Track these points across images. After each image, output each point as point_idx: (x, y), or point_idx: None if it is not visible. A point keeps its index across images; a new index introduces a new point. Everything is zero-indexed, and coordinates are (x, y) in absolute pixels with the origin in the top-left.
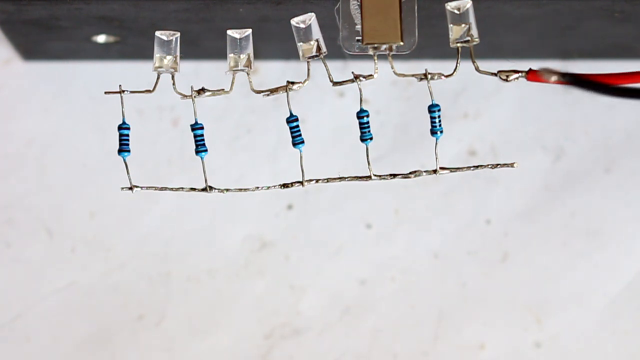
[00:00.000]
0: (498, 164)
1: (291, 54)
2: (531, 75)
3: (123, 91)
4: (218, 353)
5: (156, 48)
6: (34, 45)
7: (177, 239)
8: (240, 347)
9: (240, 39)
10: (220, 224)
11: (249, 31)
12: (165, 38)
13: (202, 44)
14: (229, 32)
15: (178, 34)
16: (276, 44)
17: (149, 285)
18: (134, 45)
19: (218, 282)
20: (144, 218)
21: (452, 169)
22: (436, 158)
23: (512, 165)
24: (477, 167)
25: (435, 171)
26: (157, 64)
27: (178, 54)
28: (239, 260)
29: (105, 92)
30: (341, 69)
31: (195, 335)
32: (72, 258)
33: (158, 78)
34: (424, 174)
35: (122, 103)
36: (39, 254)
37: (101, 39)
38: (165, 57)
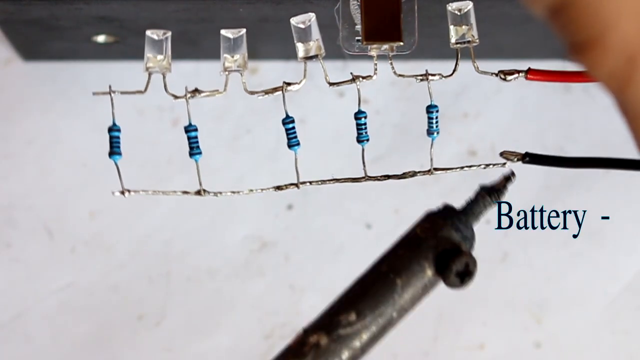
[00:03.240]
0: (490, 164)
1: (291, 54)
2: (531, 74)
3: (113, 91)
4: (218, 353)
5: (147, 48)
6: (34, 45)
7: (177, 239)
8: (240, 347)
9: (234, 38)
10: (220, 224)
11: (243, 31)
12: (156, 38)
13: (202, 44)
14: (223, 32)
15: (169, 33)
16: (276, 44)
17: (149, 285)
18: (133, 45)
19: (218, 282)
20: (144, 218)
21: (446, 169)
22: (431, 158)
23: (503, 165)
24: (470, 167)
25: (429, 171)
26: (148, 64)
27: (170, 53)
28: (239, 260)
29: (94, 93)
30: (341, 69)
31: (195, 335)
32: (72, 258)
33: (149, 78)
34: (418, 174)
35: (112, 104)
36: (39, 254)
37: (101, 39)
38: (156, 57)
